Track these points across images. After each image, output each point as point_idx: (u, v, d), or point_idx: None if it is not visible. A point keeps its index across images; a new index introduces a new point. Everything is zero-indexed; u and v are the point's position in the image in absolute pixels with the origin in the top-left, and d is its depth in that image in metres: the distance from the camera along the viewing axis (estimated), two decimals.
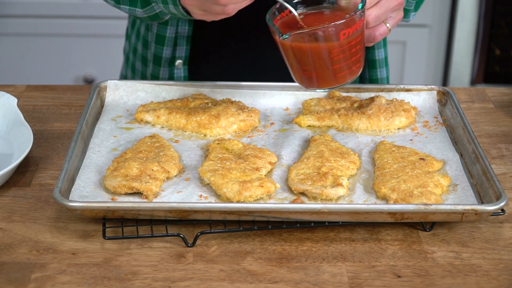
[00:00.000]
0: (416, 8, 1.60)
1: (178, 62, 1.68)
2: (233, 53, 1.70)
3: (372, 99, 1.48)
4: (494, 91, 1.65)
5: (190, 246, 1.19)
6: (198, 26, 1.67)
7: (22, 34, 2.94)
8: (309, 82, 1.33)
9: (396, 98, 1.50)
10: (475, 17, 2.93)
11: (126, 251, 1.18)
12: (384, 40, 1.70)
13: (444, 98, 1.52)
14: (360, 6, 1.27)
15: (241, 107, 1.46)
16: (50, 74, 2.99)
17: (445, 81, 3.07)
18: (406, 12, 1.57)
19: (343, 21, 1.25)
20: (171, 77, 1.67)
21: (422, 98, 1.52)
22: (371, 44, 1.37)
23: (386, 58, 1.72)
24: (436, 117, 1.49)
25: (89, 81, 3.00)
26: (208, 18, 1.36)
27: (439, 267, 1.16)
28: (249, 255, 1.17)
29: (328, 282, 1.12)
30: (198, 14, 1.36)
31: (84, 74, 3.01)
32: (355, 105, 1.48)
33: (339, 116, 1.45)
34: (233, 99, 1.50)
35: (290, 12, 1.33)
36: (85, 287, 1.11)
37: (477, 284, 1.13)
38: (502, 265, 1.16)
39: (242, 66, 1.67)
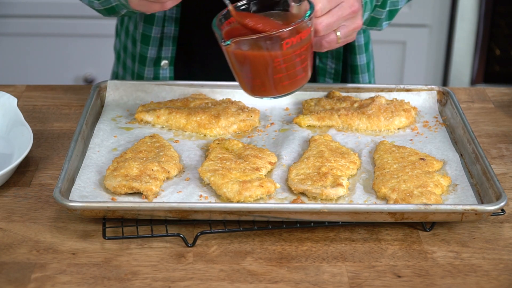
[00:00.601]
0: (390, 17, 1.54)
1: (164, 62, 1.67)
2: (220, 54, 1.69)
3: (372, 99, 1.48)
4: (494, 91, 1.65)
5: (190, 246, 1.19)
6: (185, 27, 1.67)
7: (22, 34, 2.94)
8: (253, 90, 1.30)
9: (396, 98, 1.50)
10: (475, 17, 2.93)
11: (126, 251, 1.18)
12: (366, 45, 1.69)
13: (444, 98, 1.52)
14: (307, 14, 1.23)
15: (241, 107, 1.46)
16: (50, 74, 2.99)
17: (445, 81, 3.07)
18: (377, 21, 1.51)
19: (286, 29, 1.20)
20: (156, 77, 1.67)
21: (422, 98, 1.52)
22: (320, 51, 1.33)
23: (368, 63, 1.70)
24: (436, 117, 1.49)
25: (89, 81, 3.00)
26: (145, 9, 1.33)
27: (439, 267, 1.16)
28: (249, 255, 1.17)
29: (328, 282, 1.12)
30: (135, 4, 1.33)
31: (84, 74, 3.01)
32: (355, 105, 1.48)
33: (339, 116, 1.45)
34: (233, 99, 1.51)
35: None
36: (85, 287, 1.11)
37: (477, 284, 1.13)
38: (502, 265, 1.16)
39: (228, 68, 1.66)
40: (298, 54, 1.24)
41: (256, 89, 1.29)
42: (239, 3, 1.30)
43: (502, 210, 1.23)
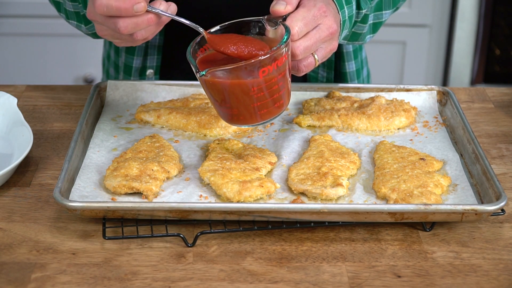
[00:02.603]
0: (374, 30, 1.51)
1: (149, 71, 1.67)
2: None
3: (372, 99, 1.48)
4: (494, 91, 1.65)
5: (190, 246, 1.19)
6: (170, 35, 1.66)
7: (22, 34, 2.94)
8: (230, 119, 1.26)
9: (396, 98, 1.50)
10: (475, 17, 2.93)
11: (126, 251, 1.18)
12: (355, 52, 1.68)
13: (444, 98, 1.52)
14: (283, 40, 1.18)
15: None
16: (50, 74, 2.99)
17: (445, 81, 3.07)
18: (359, 36, 1.47)
19: (260, 58, 1.16)
20: None
21: (422, 98, 1.52)
22: (298, 75, 1.30)
23: (358, 70, 1.70)
24: (436, 117, 1.49)
25: (89, 81, 3.00)
26: (118, 43, 1.30)
27: (439, 267, 1.16)
28: (249, 255, 1.17)
29: (328, 282, 1.12)
30: (107, 36, 1.29)
31: (84, 74, 3.01)
32: (355, 105, 1.48)
33: (339, 116, 1.45)
34: None
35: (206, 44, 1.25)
36: (85, 287, 1.11)
37: (477, 284, 1.13)
38: (502, 265, 1.16)
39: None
40: (275, 82, 1.20)
41: (234, 118, 1.26)
42: (213, 29, 1.26)
43: (502, 210, 1.23)
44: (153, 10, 1.23)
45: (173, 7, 1.26)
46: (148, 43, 1.64)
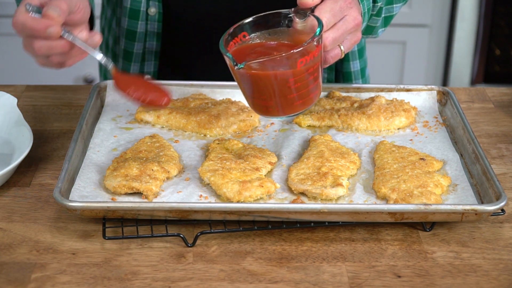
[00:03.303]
0: (386, 23, 1.53)
1: (147, 77, 1.67)
2: (203, 66, 1.69)
3: (372, 99, 1.48)
4: (494, 91, 1.66)
5: (190, 246, 1.19)
6: (167, 41, 1.66)
7: None
8: (265, 110, 1.28)
9: (396, 98, 1.50)
10: (475, 17, 2.93)
11: (126, 251, 1.18)
12: (361, 51, 1.69)
13: (444, 98, 1.52)
14: (318, 30, 1.21)
15: (241, 107, 1.46)
16: (50, 74, 2.99)
17: (445, 81, 3.07)
18: (372, 29, 1.50)
19: (300, 49, 1.19)
20: None
21: (422, 98, 1.52)
22: (323, 67, 1.31)
23: (363, 69, 1.70)
24: (436, 117, 1.49)
25: (89, 81, 3.00)
26: (39, 62, 1.28)
27: (439, 267, 1.16)
28: (249, 255, 1.17)
29: (328, 282, 1.12)
30: (40, 61, 1.28)
31: (84, 74, 3.01)
32: (355, 105, 1.48)
33: (339, 116, 1.45)
34: (233, 99, 1.50)
35: (244, 36, 1.28)
36: (85, 287, 1.11)
37: (477, 284, 1.13)
38: (502, 265, 1.16)
39: (213, 79, 1.66)
40: (312, 72, 1.23)
41: (270, 110, 1.28)
42: (246, 20, 1.28)
43: (502, 210, 1.23)
44: (69, 37, 1.21)
45: (96, 38, 1.25)
46: (145, 49, 1.64)
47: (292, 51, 1.19)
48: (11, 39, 2.95)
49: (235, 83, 1.53)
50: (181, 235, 1.19)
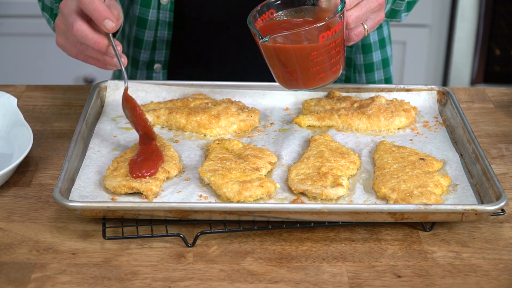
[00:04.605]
0: (409, 8, 1.58)
1: (157, 65, 1.68)
2: (214, 57, 1.69)
3: (372, 99, 1.48)
4: (494, 91, 1.65)
5: (190, 246, 1.19)
6: (178, 30, 1.67)
7: (22, 34, 2.94)
8: (289, 83, 1.34)
9: (396, 98, 1.50)
10: (475, 17, 2.93)
11: (126, 251, 1.18)
12: (382, 42, 1.70)
13: (444, 98, 1.52)
14: (339, 8, 1.27)
15: (241, 107, 1.46)
16: (50, 74, 2.99)
17: (445, 81, 3.07)
18: (397, 13, 1.55)
19: (322, 23, 1.25)
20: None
21: (422, 98, 1.52)
22: (347, 45, 1.37)
23: (385, 59, 1.71)
24: (436, 117, 1.49)
25: (89, 81, 3.00)
26: (84, 60, 1.38)
27: (439, 267, 1.16)
28: (249, 255, 1.17)
29: (328, 282, 1.12)
30: (72, 52, 1.38)
31: (84, 74, 3.01)
32: (355, 105, 1.48)
33: (339, 116, 1.45)
34: (233, 99, 1.51)
35: (272, 14, 1.33)
36: (85, 287, 1.11)
37: (477, 284, 1.13)
38: (502, 265, 1.16)
39: (224, 70, 1.66)
40: (333, 47, 1.28)
41: (293, 83, 1.33)
42: None
43: (502, 210, 1.23)
44: (111, 39, 1.31)
45: (124, 60, 1.34)
46: (156, 38, 1.65)
47: (314, 25, 1.24)
48: (11, 39, 2.95)
49: (235, 83, 1.54)
50: (181, 235, 1.19)
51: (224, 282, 1.12)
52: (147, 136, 1.33)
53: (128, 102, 1.33)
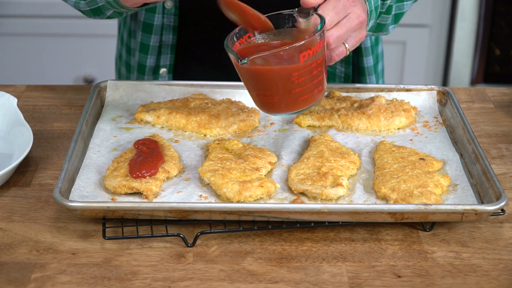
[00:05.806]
0: (396, 20, 1.54)
1: (163, 70, 1.68)
2: (219, 60, 1.69)
3: (372, 99, 1.48)
4: (494, 91, 1.66)
5: (190, 246, 1.19)
6: (183, 35, 1.67)
7: (22, 34, 2.94)
8: (271, 107, 1.29)
9: (396, 98, 1.50)
10: (475, 17, 2.93)
11: (126, 251, 1.18)
12: (373, 48, 1.69)
13: (444, 98, 1.52)
14: (319, 26, 1.23)
15: (241, 107, 1.46)
16: (50, 74, 2.99)
17: (445, 81, 3.07)
18: (383, 26, 1.51)
19: (302, 42, 1.20)
20: None
21: (422, 98, 1.52)
22: (329, 64, 1.33)
23: (375, 65, 1.71)
24: (436, 117, 1.49)
25: (89, 81, 3.00)
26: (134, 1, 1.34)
27: (439, 267, 1.16)
28: (249, 255, 1.17)
29: (328, 282, 1.12)
30: None
31: (84, 74, 3.01)
32: (355, 105, 1.48)
33: (339, 116, 1.45)
34: (233, 99, 1.51)
35: (249, 37, 1.30)
36: (85, 287, 1.11)
37: (477, 284, 1.13)
38: (502, 265, 1.16)
39: (229, 73, 1.66)
40: (315, 67, 1.24)
41: (275, 107, 1.29)
42: None
43: (502, 210, 1.23)
44: None
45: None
46: (161, 42, 1.65)
47: (294, 44, 1.20)
48: (11, 39, 2.95)
49: (235, 83, 1.54)
50: (181, 235, 1.19)
51: (224, 282, 1.12)
52: (264, 26, 1.28)
53: (230, 4, 1.27)
